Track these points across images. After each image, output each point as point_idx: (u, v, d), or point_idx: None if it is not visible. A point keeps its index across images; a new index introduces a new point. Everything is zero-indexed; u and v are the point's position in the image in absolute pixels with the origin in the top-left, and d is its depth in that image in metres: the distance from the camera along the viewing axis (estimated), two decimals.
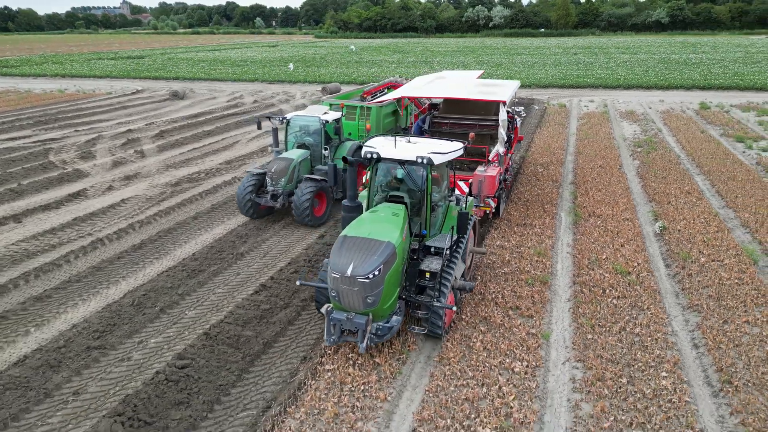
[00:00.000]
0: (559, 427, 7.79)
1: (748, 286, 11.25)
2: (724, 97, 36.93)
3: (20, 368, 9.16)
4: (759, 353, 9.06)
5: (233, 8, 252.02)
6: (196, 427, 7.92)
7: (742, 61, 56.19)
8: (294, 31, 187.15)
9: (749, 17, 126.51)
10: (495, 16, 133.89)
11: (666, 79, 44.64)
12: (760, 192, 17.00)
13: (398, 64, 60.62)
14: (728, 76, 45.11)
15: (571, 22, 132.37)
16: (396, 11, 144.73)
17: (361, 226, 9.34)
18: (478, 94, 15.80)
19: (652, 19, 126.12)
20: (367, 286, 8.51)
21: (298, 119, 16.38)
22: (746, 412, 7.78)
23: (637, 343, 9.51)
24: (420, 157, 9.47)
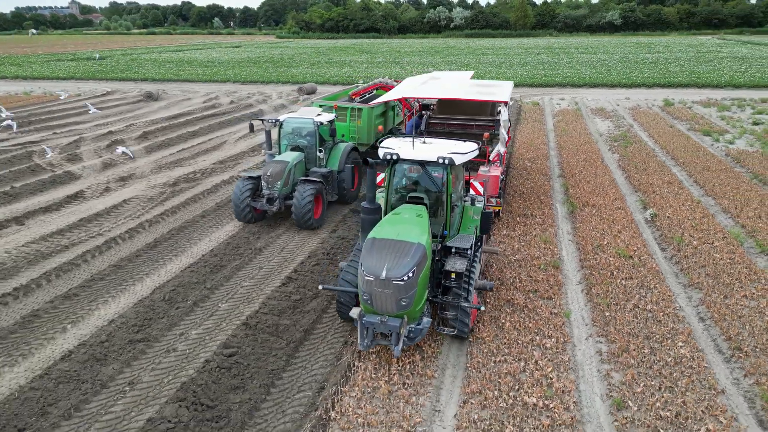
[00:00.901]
0: (594, 394, 8.52)
1: (739, 265, 12.30)
2: (684, 94, 38.94)
3: (68, 363, 9.31)
4: (761, 323, 10.02)
5: (189, 8, 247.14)
6: (258, 409, 8.31)
7: (695, 60, 59.11)
8: (254, 32, 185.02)
9: (696, 18, 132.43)
10: (456, 17, 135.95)
11: (628, 77, 46.65)
12: (734, 181, 18.32)
13: (368, 65, 61.15)
14: (685, 75, 47.48)
15: (529, 23, 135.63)
16: (358, 12, 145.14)
17: (388, 227, 9.29)
18: (477, 94, 16.14)
19: (606, 20, 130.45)
20: (401, 288, 8.45)
21: (291, 121, 16.08)
22: (758, 374, 8.68)
23: (651, 318, 10.36)
24: (441, 157, 9.55)
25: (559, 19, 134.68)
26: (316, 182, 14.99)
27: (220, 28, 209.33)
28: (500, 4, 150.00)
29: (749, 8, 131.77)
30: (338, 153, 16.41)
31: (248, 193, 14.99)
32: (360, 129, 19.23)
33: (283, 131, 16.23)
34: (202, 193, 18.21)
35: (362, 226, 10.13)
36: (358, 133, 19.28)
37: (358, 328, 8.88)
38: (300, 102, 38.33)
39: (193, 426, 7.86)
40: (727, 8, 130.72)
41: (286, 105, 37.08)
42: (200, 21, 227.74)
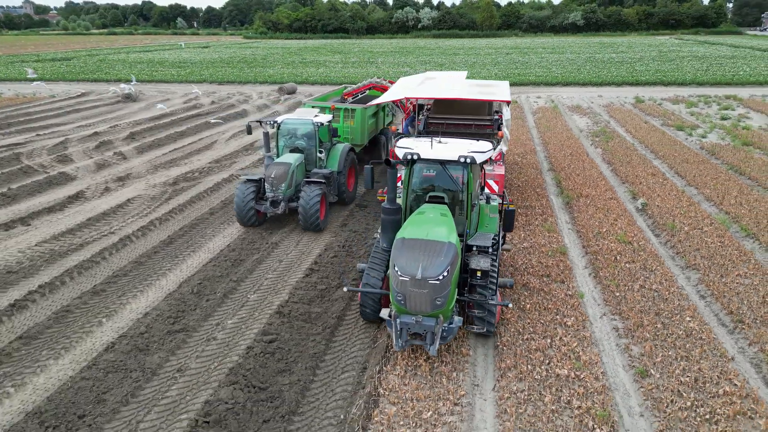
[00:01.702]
0: (617, 365, 9.26)
1: (729, 248, 13.29)
2: (653, 92, 40.65)
3: (112, 353, 9.56)
4: (757, 298, 10.96)
5: (150, 8, 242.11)
6: (308, 389, 8.75)
7: (659, 60, 61.49)
8: (219, 32, 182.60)
9: (654, 19, 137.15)
10: (423, 18, 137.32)
11: (598, 76, 48.32)
12: (712, 172, 19.52)
13: (343, 65, 61.51)
14: (651, 73, 49.46)
15: (495, 23, 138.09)
16: (326, 12, 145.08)
17: (416, 227, 9.22)
18: (479, 94, 16.37)
19: (569, 21, 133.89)
20: (437, 288, 8.45)
21: (289, 122, 15.86)
22: (761, 343, 9.57)
23: (658, 296, 11.19)
24: (462, 156, 9.60)
25: (524, 19, 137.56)
26: (322, 183, 14.97)
27: (183, 28, 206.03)
28: (466, 5, 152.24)
29: (703, 9, 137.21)
30: (337, 154, 16.39)
31: (251, 196, 14.74)
32: (353, 130, 19.01)
33: (280, 132, 15.97)
34: (206, 192, 18.40)
35: (383, 227, 10.12)
36: (351, 134, 19.02)
37: (393, 329, 8.81)
38: (281, 102, 38.52)
39: (250, 406, 8.26)
40: (683, 9, 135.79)
41: (269, 105, 37.22)
42: (162, 21, 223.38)
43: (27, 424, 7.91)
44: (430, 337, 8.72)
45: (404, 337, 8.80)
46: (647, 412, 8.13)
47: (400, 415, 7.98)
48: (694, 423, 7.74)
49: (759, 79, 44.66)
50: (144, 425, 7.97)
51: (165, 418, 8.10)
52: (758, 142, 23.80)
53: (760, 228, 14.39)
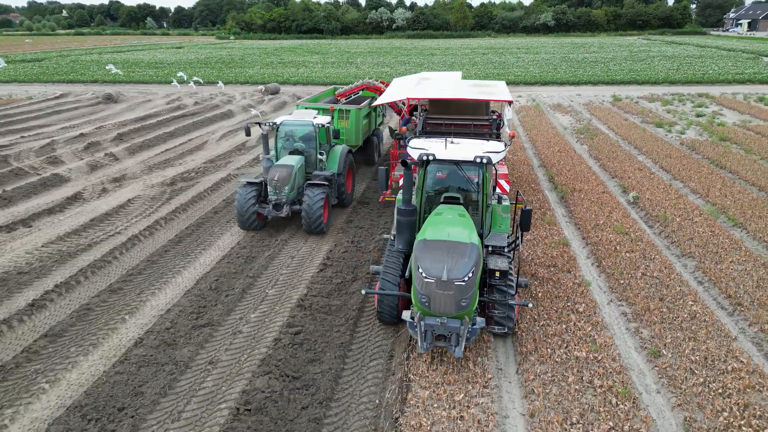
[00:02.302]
0: (629, 347, 9.80)
1: (720, 237, 14.02)
2: (628, 91, 41.86)
3: (142, 348, 9.71)
4: (751, 283, 11.65)
5: (118, 8, 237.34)
6: (340, 377, 9.06)
7: (630, 60, 63.17)
8: (190, 32, 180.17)
9: (622, 20, 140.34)
10: (398, 18, 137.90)
11: (575, 75, 49.48)
12: (695, 166, 20.39)
13: (323, 65, 61.60)
14: (625, 73, 50.85)
15: (468, 24, 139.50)
16: (300, 12, 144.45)
17: (436, 229, 9.15)
18: (480, 94, 16.33)
19: (540, 22, 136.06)
20: (462, 289, 8.41)
21: (289, 124, 15.57)
22: (761, 323, 10.22)
23: (659, 283, 11.79)
24: (479, 156, 9.60)
25: (497, 20, 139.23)
26: (324, 186, 14.77)
27: (153, 28, 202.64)
28: (439, 5, 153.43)
29: (669, 10, 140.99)
30: (336, 155, 16.20)
31: (253, 200, 14.50)
32: (348, 131, 18.95)
33: (279, 134, 15.65)
34: (206, 191, 18.47)
35: (398, 228, 10.06)
36: (346, 135, 18.96)
37: (418, 331, 8.71)
38: (266, 102, 38.52)
39: (287, 394, 8.53)
40: (650, 10, 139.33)
41: (253, 105, 37.16)
42: (131, 21, 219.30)
43: (69, 417, 8.03)
44: (455, 338, 8.68)
45: (428, 339, 8.74)
46: (663, 389, 8.67)
47: (434, 398, 8.35)
48: (708, 397, 8.29)
49: (727, 77, 46.33)
50: (186, 415, 8.17)
51: (205, 408, 8.32)
52: (734, 137, 24.88)
53: (747, 218, 15.18)
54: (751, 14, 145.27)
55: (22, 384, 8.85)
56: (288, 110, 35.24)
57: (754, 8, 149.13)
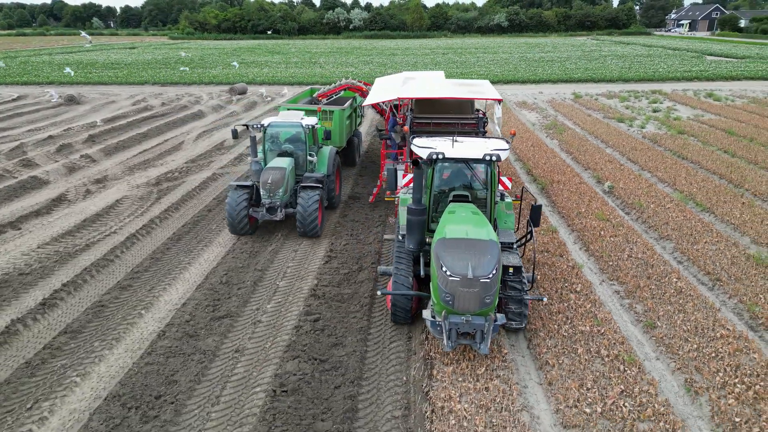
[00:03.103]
0: (626, 321, 10.64)
1: (692, 220, 15.14)
2: (586, 88, 43.65)
3: (166, 340, 9.92)
4: (726, 260, 12.73)
5: (61, 7, 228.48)
6: (365, 358, 9.52)
7: (585, 59, 65.65)
8: (140, 32, 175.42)
9: (571, 21, 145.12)
10: (354, 18, 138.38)
11: (535, 74, 51.16)
12: (659, 157, 21.74)
13: (286, 65, 61.45)
14: (582, 71, 52.89)
15: (424, 25, 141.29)
16: (255, 12, 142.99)
17: (454, 227, 9.20)
18: (468, 93, 16.30)
19: (494, 23, 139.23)
20: (487, 286, 8.48)
21: (277, 126, 15.19)
22: (739, 295, 11.25)
23: (644, 263, 12.74)
24: (488, 154, 9.79)
25: (452, 21, 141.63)
26: (319, 188, 14.60)
27: (100, 28, 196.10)
28: (395, 6, 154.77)
29: (615, 11, 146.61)
30: (324, 157, 16.01)
31: (245, 204, 14.18)
32: (332, 131, 18.58)
33: (267, 136, 15.24)
34: (194, 190, 18.52)
35: (409, 228, 10.03)
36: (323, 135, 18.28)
37: (444, 330, 8.71)
38: (234, 102, 38.33)
39: (318, 375, 8.94)
40: (597, 11, 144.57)
41: (223, 105, 36.93)
42: (76, 21, 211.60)
43: (109, 406, 8.22)
44: (479, 335, 8.73)
45: (453, 338, 8.75)
46: (662, 356, 9.52)
47: (458, 373, 8.92)
48: (703, 360, 9.17)
49: (676, 75, 48.88)
50: (224, 399, 8.48)
51: (241, 392, 8.64)
52: (690, 130, 26.53)
53: (713, 204, 16.42)
54: (690, 15, 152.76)
55: (52, 378, 8.94)
56: (259, 110, 35.25)
57: (693, 9, 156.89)
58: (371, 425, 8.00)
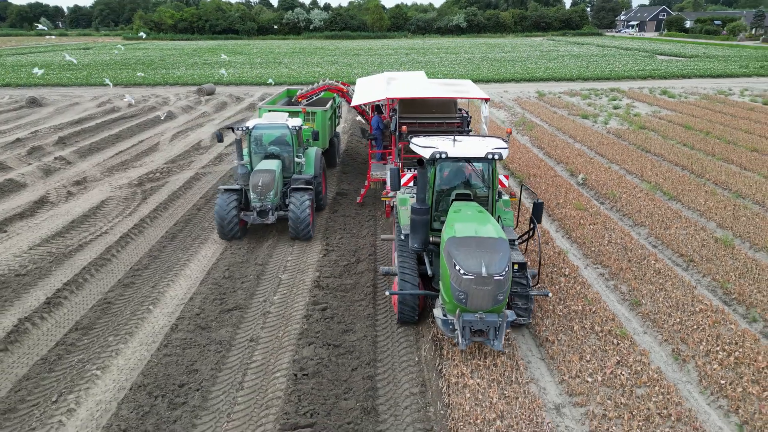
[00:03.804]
0: (613, 300, 11.46)
1: (662, 208, 16.20)
2: (549, 87, 45.16)
3: (180, 333, 10.15)
4: (696, 243, 13.74)
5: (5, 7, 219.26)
6: (376, 342, 10.00)
7: (544, 59, 67.65)
8: (91, 33, 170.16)
9: (527, 22, 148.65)
10: (315, 19, 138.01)
11: (498, 73, 52.49)
12: (625, 151, 22.94)
13: (251, 66, 61.05)
14: (542, 70, 54.58)
15: (384, 25, 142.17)
16: (213, 12, 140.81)
17: (462, 225, 9.30)
18: (454, 92, 16.45)
19: (453, 24, 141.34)
20: (500, 284, 8.58)
21: (262, 128, 15.04)
22: (711, 274, 12.23)
23: (624, 248, 13.63)
24: (490, 153, 9.94)
25: (412, 21, 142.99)
26: (310, 190, 14.57)
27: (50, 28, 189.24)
28: (354, 7, 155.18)
29: (569, 13, 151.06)
30: (311, 158, 15.94)
31: (235, 209, 13.97)
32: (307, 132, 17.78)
33: (252, 139, 15.08)
34: (180, 190, 18.56)
35: (413, 228, 10.07)
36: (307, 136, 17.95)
37: (458, 327, 8.80)
38: (203, 103, 38.04)
39: (335, 359, 9.36)
40: (551, 12, 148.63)
41: (192, 106, 36.62)
42: (22, 21, 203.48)
43: (135, 395, 8.43)
44: (493, 332, 8.87)
45: (467, 335, 8.85)
46: (649, 330, 10.34)
47: (466, 352, 9.47)
48: (687, 332, 10.02)
49: (631, 74, 51.05)
50: (247, 384, 8.82)
51: (263, 378, 8.99)
52: (651, 126, 28.00)
53: (679, 192, 17.55)
54: (639, 16, 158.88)
55: (72, 373, 9.07)
56: (230, 111, 35.16)
57: (641, 11, 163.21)
58: (392, 401, 8.49)
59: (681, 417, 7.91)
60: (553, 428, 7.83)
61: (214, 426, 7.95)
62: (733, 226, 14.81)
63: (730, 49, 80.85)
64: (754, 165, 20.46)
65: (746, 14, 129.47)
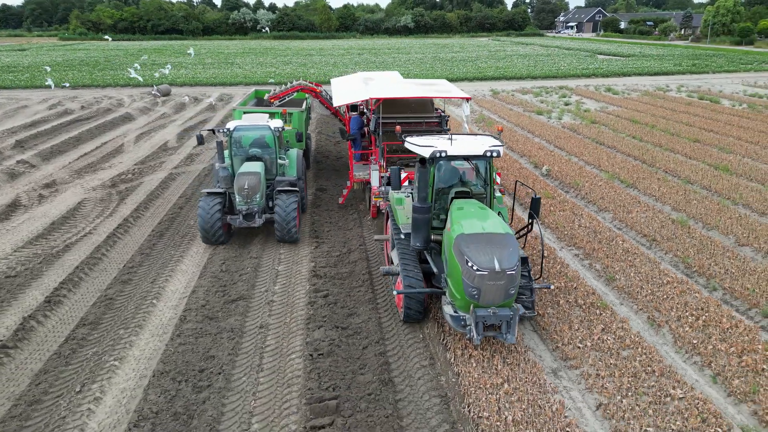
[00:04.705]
0: (590, 277, 12.50)
1: (622, 194, 17.51)
2: (501, 85, 46.84)
3: (189, 323, 10.46)
4: (656, 224, 15.04)
5: None
6: (381, 323, 10.62)
7: (492, 58, 69.78)
8: (23, 33, 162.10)
9: (472, 23, 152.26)
10: (261, 19, 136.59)
11: (452, 72, 53.90)
12: (581, 144, 24.41)
13: (203, 66, 60.18)
14: (493, 70, 56.40)
15: (333, 26, 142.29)
16: (155, 12, 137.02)
17: (468, 221, 9.43)
18: (435, 92, 16.79)
19: (401, 24, 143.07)
20: (512, 278, 8.77)
21: (243, 129, 14.73)
22: (673, 251, 13.48)
23: (593, 231, 14.76)
24: (488, 150, 10.13)
25: (360, 22, 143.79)
26: (296, 192, 14.32)
27: None
28: (301, 7, 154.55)
29: (512, 14, 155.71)
30: (293, 160, 15.78)
31: (219, 213, 13.66)
32: (290, 133, 18.13)
33: (233, 141, 14.71)
34: (157, 189, 18.58)
35: (415, 226, 10.13)
36: (288, 138, 17.92)
37: (473, 322, 8.91)
38: (160, 104, 37.48)
39: (345, 339, 9.93)
40: (495, 13, 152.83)
41: (150, 107, 36.03)
42: None
43: (160, 381, 8.74)
44: (505, 326, 9.04)
45: (480, 330, 8.99)
46: (625, 301, 11.41)
47: None
48: (660, 301, 11.13)
49: (576, 72, 53.55)
50: (266, 366, 9.27)
51: (279, 359, 9.45)
52: (601, 120, 29.76)
53: (635, 180, 18.98)
54: (576, 18, 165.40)
55: (89, 365, 9.26)
56: (190, 111, 34.85)
57: (579, 12, 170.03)
58: (405, 374, 9.13)
59: (663, 372, 8.92)
60: (555, 388, 8.68)
61: (242, 404, 8.37)
62: (686, 208, 16.24)
63: (663, 48, 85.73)
64: (697, 154, 22.26)
65: (675, 15, 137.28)
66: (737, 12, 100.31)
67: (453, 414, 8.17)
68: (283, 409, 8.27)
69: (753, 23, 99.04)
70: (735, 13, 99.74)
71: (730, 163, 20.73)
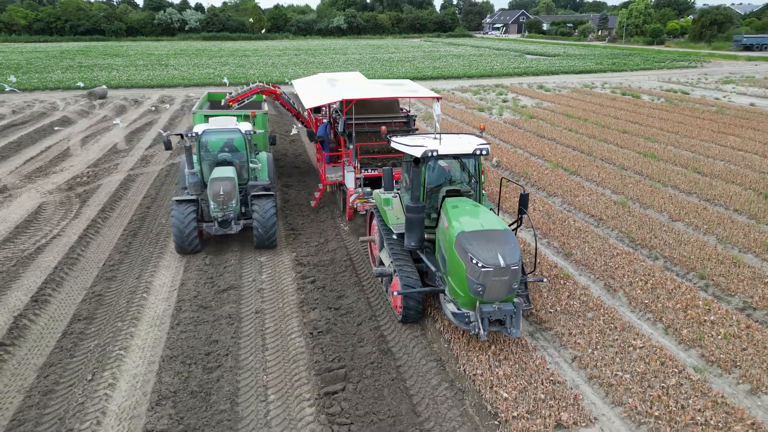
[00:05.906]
0: (550, 253, 13.80)
1: (567, 181, 19.10)
2: (440, 84, 48.47)
3: (186, 313, 10.84)
4: (601, 206, 16.61)
5: None
6: (370, 303, 11.38)
7: (428, 58, 71.73)
8: None
9: (404, 24, 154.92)
10: (189, 19, 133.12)
11: (392, 72, 55.09)
12: (525, 137, 26.09)
13: (135, 68, 58.39)
14: (431, 69, 58.17)
15: (264, 26, 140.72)
16: (73, 12, 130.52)
17: (466, 219, 9.53)
18: (404, 92, 17.13)
19: (334, 25, 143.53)
20: (516, 273, 8.94)
21: (212, 133, 14.27)
22: (618, 228, 15.03)
23: (547, 214, 16.13)
24: (477, 149, 10.40)
25: (292, 23, 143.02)
26: (272, 196, 14.07)
27: None
28: (229, 8, 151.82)
29: (441, 16, 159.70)
30: (265, 163, 15.50)
31: (194, 221, 13.22)
32: (256, 136, 17.26)
33: (201, 145, 14.20)
34: (119, 191, 18.47)
35: (409, 226, 10.15)
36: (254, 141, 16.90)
37: (478, 319, 9.05)
38: (98, 107, 36.39)
39: (340, 318, 10.66)
40: (425, 15, 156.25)
41: (87, 110, 34.93)
42: None
43: (170, 365, 9.14)
44: (509, 320, 9.17)
45: (486, 326, 9.10)
46: (583, 272, 12.77)
47: None
48: (613, 270, 12.53)
49: (509, 71, 56.18)
50: (270, 344, 9.84)
51: (280, 339, 10.05)
52: (538, 115, 31.74)
53: (577, 168, 20.68)
54: (502, 20, 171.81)
55: (94, 356, 9.50)
56: (132, 114, 34.11)
57: (504, 14, 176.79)
58: (401, 344, 9.96)
59: (624, 328, 10.23)
60: (534, 347, 9.78)
61: (255, 380, 8.92)
62: (624, 191, 17.98)
63: (584, 48, 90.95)
64: (627, 144, 24.39)
65: (593, 17, 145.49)
66: (648, 14, 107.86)
67: (450, 374, 9.09)
68: (294, 381, 8.90)
69: (662, 24, 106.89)
70: (646, 15, 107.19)
71: (656, 151, 22.90)
